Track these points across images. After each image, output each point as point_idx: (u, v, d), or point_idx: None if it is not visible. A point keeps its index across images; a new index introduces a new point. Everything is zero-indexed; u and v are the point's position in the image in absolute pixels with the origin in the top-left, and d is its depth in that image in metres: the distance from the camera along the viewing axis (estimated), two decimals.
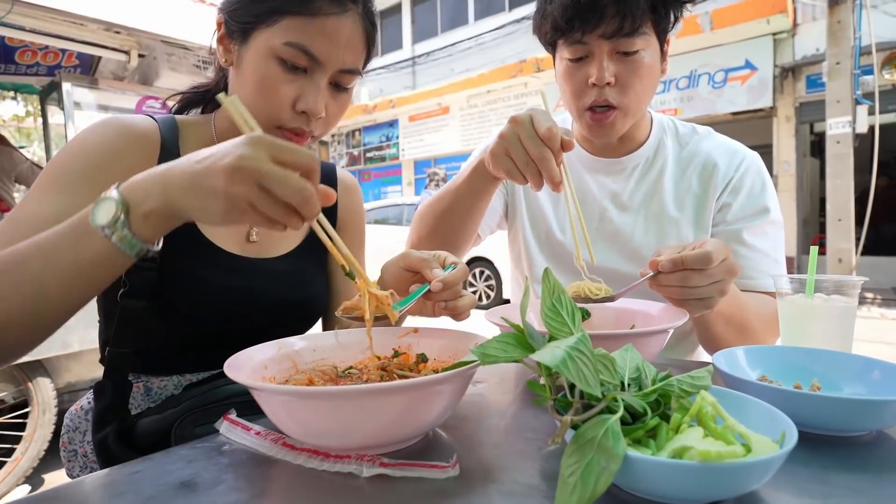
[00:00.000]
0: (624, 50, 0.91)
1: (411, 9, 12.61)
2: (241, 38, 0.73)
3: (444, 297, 0.68)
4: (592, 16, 0.88)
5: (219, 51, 0.77)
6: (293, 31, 0.70)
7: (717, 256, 0.66)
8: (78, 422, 0.80)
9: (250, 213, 0.48)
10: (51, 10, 2.66)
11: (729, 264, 0.68)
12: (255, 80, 0.72)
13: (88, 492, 0.45)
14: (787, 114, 7.62)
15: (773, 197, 1.00)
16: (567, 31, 0.92)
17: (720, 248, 0.67)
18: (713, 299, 0.69)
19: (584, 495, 0.33)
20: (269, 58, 0.71)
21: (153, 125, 0.78)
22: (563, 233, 1.08)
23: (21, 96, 5.07)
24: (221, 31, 0.76)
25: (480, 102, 10.72)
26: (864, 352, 0.59)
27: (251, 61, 0.72)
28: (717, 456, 0.34)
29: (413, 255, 0.71)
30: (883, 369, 0.55)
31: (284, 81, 0.71)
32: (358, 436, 0.46)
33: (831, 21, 5.36)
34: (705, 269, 0.65)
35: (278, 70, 0.71)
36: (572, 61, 0.95)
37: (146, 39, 3.09)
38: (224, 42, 0.76)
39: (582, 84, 0.94)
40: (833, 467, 0.44)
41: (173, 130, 0.79)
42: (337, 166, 1.00)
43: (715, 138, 1.07)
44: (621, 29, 0.88)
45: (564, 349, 0.39)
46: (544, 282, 0.52)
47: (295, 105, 0.72)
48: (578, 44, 0.92)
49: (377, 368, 0.60)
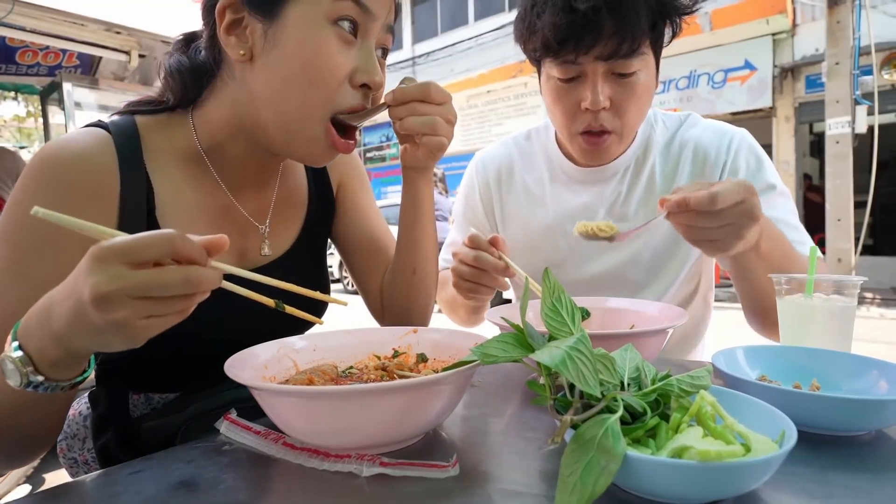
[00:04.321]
0: (620, 71, 0.85)
1: (411, 9, 12.60)
2: (267, 16, 0.61)
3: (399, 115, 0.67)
4: (588, 35, 0.81)
5: (228, 44, 0.63)
6: None
7: (726, 199, 0.61)
8: (76, 428, 0.76)
9: (155, 324, 0.42)
10: (51, 11, 2.66)
11: (745, 208, 0.63)
12: (305, 58, 0.60)
13: (88, 492, 0.45)
14: (786, 114, 7.62)
15: (771, 170, 0.97)
16: (559, 51, 0.84)
17: (732, 190, 0.62)
18: (724, 242, 0.66)
19: (583, 495, 0.33)
20: (321, 26, 0.60)
21: (105, 144, 0.63)
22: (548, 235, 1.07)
23: (22, 96, 5.07)
24: (228, 19, 0.62)
25: (480, 102, 10.72)
26: (863, 352, 0.59)
27: (296, 37, 0.60)
28: (716, 456, 0.34)
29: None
30: (883, 369, 0.55)
31: (339, 52, 0.61)
32: (358, 435, 0.46)
33: (830, 21, 5.36)
34: (712, 211, 0.62)
35: (334, 39, 0.60)
36: (563, 81, 0.88)
37: (146, 39, 3.09)
38: (235, 31, 0.63)
39: (573, 107, 0.89)
40: (833, 467, 0.44)
41: (133, 142, 0.66)
42: None
43: (700, 124, 1.04)
44: (619, 50, 0.81)
45: (564, 349, 0.39)
46: (544, 282, 0.52)
47: (352, 78, 0.63)
48: (570, 64, 0.85)
49: (377, 368, 0.60)
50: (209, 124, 0.70)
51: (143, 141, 0.67)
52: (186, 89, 0.69)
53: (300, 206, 0.84)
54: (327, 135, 0.64)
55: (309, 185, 0.86)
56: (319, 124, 0.63)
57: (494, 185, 1.14)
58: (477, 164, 1.19)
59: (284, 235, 0.81)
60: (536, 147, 1.13)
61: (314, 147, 0.65)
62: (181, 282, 0.40)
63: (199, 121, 0.70)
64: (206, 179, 0.71)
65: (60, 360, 0.45)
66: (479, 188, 1.16)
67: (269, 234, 0.77)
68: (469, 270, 0.82)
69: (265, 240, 0.76)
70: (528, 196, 1.10)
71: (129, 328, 0.41)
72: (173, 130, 0.70)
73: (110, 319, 0.40)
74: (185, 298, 0.42)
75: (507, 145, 1.18)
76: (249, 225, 0.75)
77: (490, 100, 10.52)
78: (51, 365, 0.45)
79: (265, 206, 0.78)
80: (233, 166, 0.72)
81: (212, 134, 0.70)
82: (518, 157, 1.14)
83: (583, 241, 1.03)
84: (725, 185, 0.62)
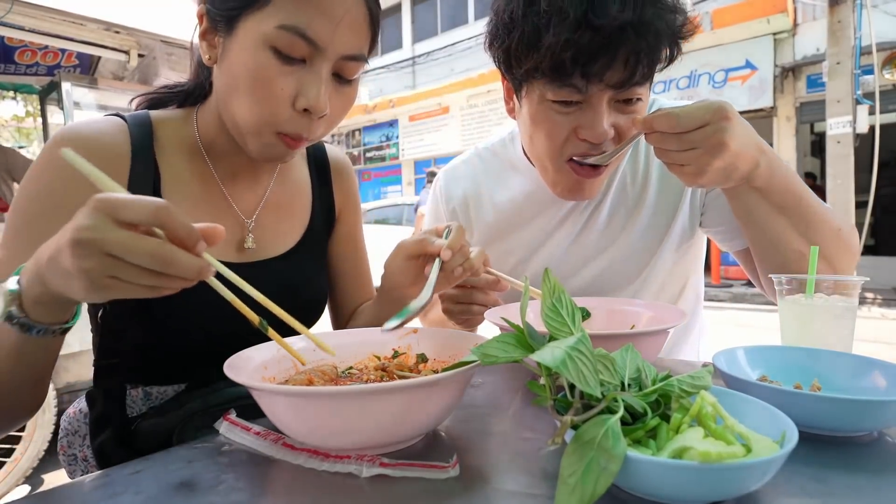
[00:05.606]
0: (626, 98, 0.76)
1: (411, 8, 12.60)
2: (226, 29, 0.64)
3: (457, 263, 0.66)
4: (604, 58, 0.70)
5: (202, 48, 0.67)
6: (286, 11, 0.60)
7: (689, 120, 0.59)
8: (77, 425, 0.78)
9: (118, 286, 0.42)
10: (50, 10, 2.67)
11: (711, 132, 0.60)
12: (245, 75, 0.62)
13: (88, 492, 0.45)
14: (787, 114, 7.62)
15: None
16: (565, 73, 0.72)
17: (696, 114, 0.59)
18: (694, 167, 0.63)
19: (584, 495, 0.33)
20: (260, 47, 0.61)
21: (120, 130, 0.69)
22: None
23: (21, 96, 5.07)
24: (204, 25, 0.66)
25: (480, 102, 10.72)
26: (864, 352, 0.59)
27: (239, 54, 0.62)
28: (717, 456, 0.34)
29: (408, 243, 0.70)
30: (883, 369, 0.55)
31: (280, 74, 0.62)
32: (358, 436, 0.46)
33: (831, 21, 5.36)
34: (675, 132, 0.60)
35: (272, 61, 0.61)
36: (557, 103, 0.77)
37: (146, 39, 3.09)
38: (207, 37, 0.67)
39: (566, 133, 0.78)
40: (833, 467, 0.43)
41: (146, 131, 0.71)
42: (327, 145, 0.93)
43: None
44: (633, 76, 0.71)
45: (564, 349, 0.39)
46: (544, 282, 0.52)
47: (295, 102, 0.63)
48: (572, 88, 0.73)
49: (377, 369, 0.60)
50: (207, 121, 0.75)
51: (155, 132, 0.72)
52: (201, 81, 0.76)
53: (301, 211, 0.86)
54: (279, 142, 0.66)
55: (314, 195, 0.88)
56: (268, 136, 0.66)
57: (462, 210, 1.09)
58: (440, 186, 1.13)
59: (280, 234, 0.82)
60: (506, 163, 1.06)
61: (265, 149, 0.68)
62: (148, 253, 0.41)
63: (201, 117, 0.76)
64: (203, 171, 0.75)
65: (40, 299, 0.47)
66: (445, 215, 1.11)
67: (253, 228, 0.79)
68: (459, 291, 0.79)
69: (249, 233, 0.78)
70: (499, 215, 1.05)
71: (92, 280, 0.41)
72: (180, 125, 0.75)
73: (78, 265, 0.41)
74: (155, 275, 0.42)
75: (470, 164, 1.11)
76: (237, 218, 0.78)
77: (490, 100, 10.52)
78: (34, 302, 0.47)
79: (255, 202, 0.80)
80: (225, 160, 0.76)
81: (208, 129, 0.75)
82: (485, 176, 1.08)
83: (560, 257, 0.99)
84: (690, 107, 0.60)
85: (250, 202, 0.80)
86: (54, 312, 0.49)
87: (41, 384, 0.57)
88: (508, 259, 1.05)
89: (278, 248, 0.81)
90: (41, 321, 0.49)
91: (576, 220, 1.00)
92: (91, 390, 0.71)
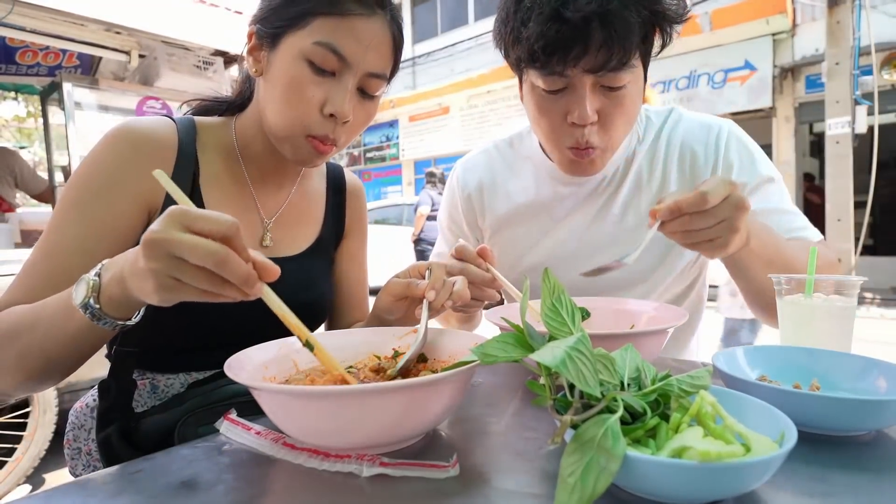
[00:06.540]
0: (609, 85, 0.81)
1: (411, 9, 12.60)
2: (271, 45, 0.74)
3: (443, 299, 0.68)
4: (576, 46, 0.76)
5: (249, 62, 0.78)
6: (322, 31, 0.71)
7: (716, 195, 0.62)
8: (83, 419, 0.81)
9: (181, 289, 0.47)
10: (51, 11, 2.66)
11: (734, 200, 0.64)
12: (283, 83, 0.72)
13: (89, 491, 0.45)
14: (786, 114, 7.62)
15: (764, 160, 0.96)
16: (546, 62, 0.79)
17: (719, 186, 0.63)
18: (723, 239, 0.66)
19: (583, 495, 0.33)
20: (298, 60, 0.71)
21: (170, 128, 0.79)
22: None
23: (22, 97, 5.07)
24: (252, 42, 0.77)
25: (480, 102, 10.71)
26: (863, 352, 0.59)
27: (280, 65, 0.73)
28: (716, 456, 0.34)
29: (395, 285, 0.73)
30: (883, 369, 0.55)
31: (312, 83, 0.72)
32: (358, 436, 0.46)
33: (830, 21, 5.36)
34: (705, 210, 0.62)
35: (307, 72, 0.71)
36: (548, 92, 0.84)
37: (146, 40, 3.08)
38: (254, 52, 0.77)
39: (559, 120, 0.85)
40: (833, 467, 0.44)
41: (191, 133, 0.81)
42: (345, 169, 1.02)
43: (685, 121, 1.01)
44: (608, 62, 0.77)
45: (564, 349, 0.39)
46: (544, 282, 0.52)
47: (323, 108, 0.73)
48: (557, 75, 0.80)
49: (372, 370, 0.60)
50: (245, 126, 0.84)
51: (198, 134, 0.82)
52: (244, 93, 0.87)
53: (314, 219, 0.93)
54: (308, 145, 0.75)
55: (327, 208, 0.95)
56: (299, 138, 0.75)
57: (476, 197, 1.12)
58: (457, 175, 1.16)
59: (295, 238, 0.89)
60: (521, 154, 1.10)
61: (297, 152, 0.77)
62: (211, 252, 0.45)
63: (239, 125, 0.85)
64: (236, 172, 0.84)
65: (116, 298, 0.53)
66: (461, 202, 1.14)
67: (272, 228, 0.86)
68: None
69: (268, 232, 0.86)
70: (513, 205, 1.08)
71: (159, 280, 0.46)
72: (220, 130, 0.85)
73: (148, 266, 0.46)
74: (210, 278, 0.46)
75: (488, 153, 1.15)
76: (259, 216, 0.86)
77: (490, 100, 10.52)
78: (108, 299, 0.54)
79: (277, 205, 0.88)
80: (257, 164, 0.85)
81: (245, 135, 0.84)
82: (501, 166, 1.11)
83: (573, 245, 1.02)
84: (711, 183, 0.63)
85: (273, 204, 0.88)
86: (123, 310, 0.55)
87: (83, 360, 0.63)
88: (519, 245, 1.07)
89: (292, 249, 0.88)
90: (110, 315, 0.55)
91: (587, 211, 1.02)
92: (105, 380, 0.73)
